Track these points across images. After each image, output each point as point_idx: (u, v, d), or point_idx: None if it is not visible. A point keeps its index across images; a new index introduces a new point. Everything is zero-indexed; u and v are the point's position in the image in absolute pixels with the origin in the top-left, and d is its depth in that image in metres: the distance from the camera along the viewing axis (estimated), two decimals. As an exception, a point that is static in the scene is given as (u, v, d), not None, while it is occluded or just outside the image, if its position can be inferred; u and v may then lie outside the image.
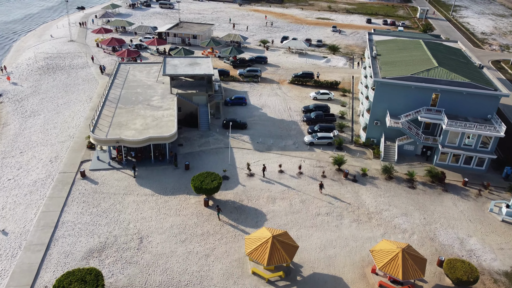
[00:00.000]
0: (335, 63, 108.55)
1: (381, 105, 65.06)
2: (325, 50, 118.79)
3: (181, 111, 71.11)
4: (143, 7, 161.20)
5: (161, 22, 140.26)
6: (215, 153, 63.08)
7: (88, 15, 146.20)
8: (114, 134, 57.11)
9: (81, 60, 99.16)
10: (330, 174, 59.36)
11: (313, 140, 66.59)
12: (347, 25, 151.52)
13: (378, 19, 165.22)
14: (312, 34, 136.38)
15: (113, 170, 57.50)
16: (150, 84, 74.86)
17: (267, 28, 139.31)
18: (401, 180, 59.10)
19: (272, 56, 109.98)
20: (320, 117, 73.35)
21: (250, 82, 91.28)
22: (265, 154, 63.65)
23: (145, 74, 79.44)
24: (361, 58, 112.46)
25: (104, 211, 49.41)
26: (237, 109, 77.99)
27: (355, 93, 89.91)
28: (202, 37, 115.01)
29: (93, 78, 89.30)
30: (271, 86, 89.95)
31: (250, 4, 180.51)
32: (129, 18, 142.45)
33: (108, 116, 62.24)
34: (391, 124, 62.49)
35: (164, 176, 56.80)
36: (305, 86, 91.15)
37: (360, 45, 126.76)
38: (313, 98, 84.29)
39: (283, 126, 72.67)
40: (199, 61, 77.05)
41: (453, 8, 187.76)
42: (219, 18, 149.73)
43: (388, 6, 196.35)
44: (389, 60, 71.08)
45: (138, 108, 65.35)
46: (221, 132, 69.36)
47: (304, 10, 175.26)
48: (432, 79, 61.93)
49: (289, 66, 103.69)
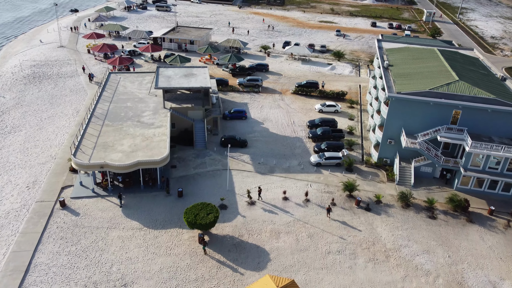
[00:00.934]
0: (340, 70, 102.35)
1: (395, 122, 58.87)
2: (330, 56, 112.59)
3: (175, 127, 64.89)
4: (139, 10, 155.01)
5: (157, 26, 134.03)
6: (212, 176, 56.85)
7: (81, 18, 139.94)
8: (98, 158, 50.85)
9: (70, 68, 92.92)
10: (341, 202, 53.15)
11: (320, 161, 60.39)
12: (351, 29, 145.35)
13: (383, 22, 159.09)
14: (315, 38, 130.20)
15: (97, 198, 51.27)
16: (141, 97, 68.63)
17: (268, 32, 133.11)
18: (419, 208, 52.89)
19: (274, 63, 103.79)
20: (327, 133, 67.15)
21: (251, 93, 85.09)
22: (268, 177, 57.42)
23: (136, 85, 73.21)
24: (367, 65, 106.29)
25: (84, 250, 43.16)
26: (237, 124, 71.77)
27: (363, 104, 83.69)
28: (199, 43, 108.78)
29: (82, 88, 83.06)
30: (273, 97, 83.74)
31: (250, 6, 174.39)
32: (123, 22, 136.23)
33: (93, 135, 55.97)
34: (407, 144, 56.27)
35: (154, 204, 50.56)
36: (309, 97, 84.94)
37: (366, 51, 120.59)
38: (319, 110, 78.08)
39: (287, 144, 66.48)
40: (195, 72, 70.81)
41: (460, 10, 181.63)
42: (217, 22, 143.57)
43: (392, 8, 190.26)
44: (403, 72, 64.86)
45: (127, 126, 59.11)
46: (219, 151, 63.16)
47: (306, 12, 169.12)
48: (453, 95, 55.73)
49: (291, 74, 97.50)
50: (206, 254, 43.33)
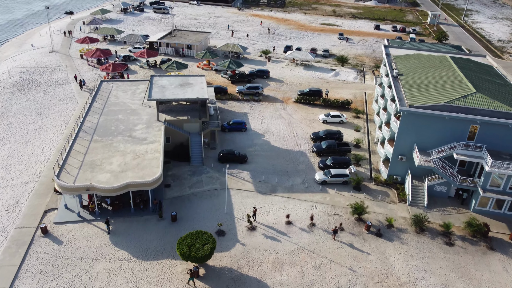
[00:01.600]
0: (344, 76, 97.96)
1: (407, 138, 54.49)
2: (333, 62, 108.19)
3: (169, 141, 60.53)
4: (136, 12, 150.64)
5: (154, 29, 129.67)
6: (208, 196, 52.45)
7: (75, 21, 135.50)
8: (84, 179, 46.44)
9: (61, 75, 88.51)
10: (349, 226, 48.76)
11: (325, 179, 55.99)
12: (354, 32, 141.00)
13: (386, 25, 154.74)
14: (317, 42, 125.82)
15: (83, 222, 46.87)
16: (134, 108, 64.25)
17: (268, 36, 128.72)
18: (435, 233, 48.51)
19: (275, 69, 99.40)
20: (332, 147, 62.76)
21: (251, 101, 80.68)
22: (269, 197, 53.04)
23: (129, 94, 68.82)
24: (373, 71, 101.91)
25: (66, 287, 38.75)
26: (236, 136, 67.39)
27: (369, 114, 79.30)
28: (197, 48, 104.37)
29: (73, 96, 78.66)
30: (274, 106, 79.35)
31: (250, 8, 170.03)
32: (119, 25, 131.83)
33: (80, 152, 51.56)
34: (420, 162, 51.85)
35: (145, 231, 46.16)
36: (312, 106, 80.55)
37: (370, 55, 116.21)
38: (323, 121, 73.67)
39: (290, 158, 62.10)
40: (191, 81, 66.42)
41: (465, 12, 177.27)
42: (216, 24, 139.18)
43: (395, 10, 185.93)
44: (414, 82, 60.46)
45: (118, 141, 54.69)
46: (217, 167, 58.77)
47: (307, 14, 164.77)
48: (470, 109, 51.36)
49: (293, 80, 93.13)
50: (195, 287, 38.98)
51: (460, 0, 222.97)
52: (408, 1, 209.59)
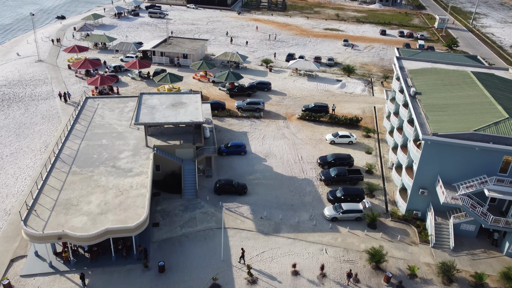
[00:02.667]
0: (351, 88, 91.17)
1: (429, 169, 47.72)
2: (338, 71, 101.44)
3: (160, 170, 53.78)
4: (131, 17, 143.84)
5: (149, 35, 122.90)
6: (203, 238, 45.68)
7: (66, 26, 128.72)
8: (55, 225, 39.67)
9: (46, 88, 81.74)
10: (365, 276, 41.99)
11: (336, 215, 49.22)
12: (359, 38, 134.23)
13: (392, 30, 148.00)
14: (321, 49, 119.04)
15: (55, 275, 40.11)
16: (121, 130, 57.48)
17: (269, 43, 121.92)
18: (465, 284, 41.76)
19: (277, 80, 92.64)
20: (342, 175, 55.98)
21: (251, 118, 73.93)
22: (272, 239, 46.28)
23: (116, 114, 62.06)
24: (381, 82, 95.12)
25: None
26: (234, 161, 60.63)
27: (380, 132, 72.53)
28: (194, 57, 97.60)
29: (56, 114, 71.86)
30: (276, 124, 72.60)
31: (250, 12, 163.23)
32: (112, 31, 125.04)
33: (54, 189, 44.80)
34: (447, 200, 45.04)
35: (128, 285, 39.37)
36: (318, 123, 73.79)
37: (378, 64, 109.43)
38: (330, 142, 66.93)
39: (295, 188, 55.32)
40: (185, 100, 59.64)
41: (473, 16, 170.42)
42: (215, 30, 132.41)
43: (401, 13, 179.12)
44: (435, 103, 53.65)
45: (99, 173, 47.91)
46: (213, 199, 52.00)
47: (309, 19, 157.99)
48: (504, 138, 44.59)
49: (297, 93, 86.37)
50: None
51: (466, 3, 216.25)
52: (413, 4, 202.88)
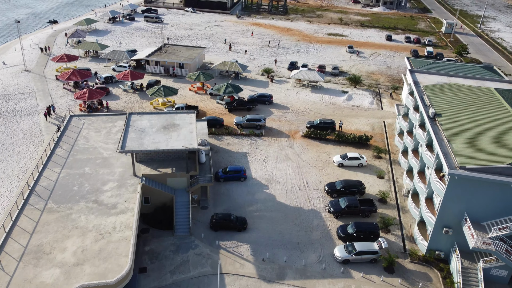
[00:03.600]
0: (358, 101, 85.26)
1: (455, 206, 41.88)
2: (344, 81, 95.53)
3: (149, 202, 47.91)
4: (126, 21, 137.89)
5: (144, 41, 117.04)
6: (196, 287, 39.77)
7: (58, 32, 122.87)
8: (21, 281, 33.76)
9: (30, 102, 75.88)
10: (384, 336, 36.14)
11: (348, 257, 43.35)
12: (364, 44, 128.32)
13: (398, 35, 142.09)
14: (325, 56, 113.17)
15: (22, 338, 34.21)
16: (106, 156, 51.62)
17: (270, 49, 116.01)
18: None
19: (279, 91, 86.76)
20: (354, 206, 50.10)
21: (251, 136, 68.07)
22: (276, 286, 40.37)
23: (103, 135, 56.19)
24: (390, 93, 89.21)
25: None
26: (233, 189, 54.75)
27: (392, 152, 66.65)
28: (190, 67, 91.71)
29: (39, 132, 66.01)
30: (279, 143, 66.74)
31: (250, 16, 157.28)
32: (106, 37, 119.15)
33: (26, 231, 38.93)
34: (477, 245, 39.16)
35: None
36: (324, 141, 67.92)
37: (385, 72, 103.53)
38: (338, 164, 61.07)
39: (301, 222, 49.45)
40: (178, 121, 53.74)
41: (482, 20, 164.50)
42: (213, 36, 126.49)
43: (406, 17, 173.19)
44: (459, 127, 47.76)
45: (78, 210, 42.05)
46: (208, 236, 46.12)
47: (312, 23, 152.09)
48: (543, 172, 38.77)
49: (300, 106, 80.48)
50: None
51: (472, 6, 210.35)
52: (418, 7, 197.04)
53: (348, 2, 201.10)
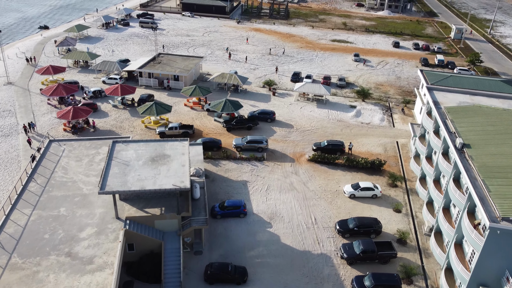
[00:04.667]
0: (368, 117, 78.69)
1: (495, 262, 35.31)
2: (351, 94, 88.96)
3: (134, 249, 41.34)
4: (120, 27, 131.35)
5: (138, 49, 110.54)
6: None
7: (47, 39, 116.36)
8: None
9: (9, 121, 69.35)
10: None
11: (367, 320, 36.78)
12: (371, 51, 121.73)
13: (406, 41, 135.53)
14: (329, 65, 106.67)
15: None
16: (87, 192, 45.09)
17: (272, 58, 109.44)
18: None
19: (281, 106, 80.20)
20: (370, 251, 43.52)
21: (251, 161, 61.52)
22: None
23: (85, 165, 49.67)
24: (402, 109, 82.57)
25: None
26: (232, 227, 48.20)
27: (409, 179, 60.10)
28: (186, 79, 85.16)
29: (16, 157, 59.46)
30: (282, 168, 60.21)
31: (250, 21, 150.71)
32: (98, 44, 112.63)
33: (-19, 297, 32.38)
34: (525, 314, 32.60)
35: None
36: (333, 166, 61.40)
37: (394, 83, 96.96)
38: (350, 195, 54.53)
39: (309, 270, 42.88)
40: (169, 151, 47.16)
41: (492, 25, 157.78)
42: (211, 43, 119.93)
43: (412, 22, 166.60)
44: (494, 164, 41.16)
45: (48, 267, 35.48)
46: (202, 291, 39.60)
47: (315, 28, 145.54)
48: None
49: (305, 124, 73.94)
50: None
51: (479, 9, 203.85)
52: (424, 11, 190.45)
53: (351, 5, 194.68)
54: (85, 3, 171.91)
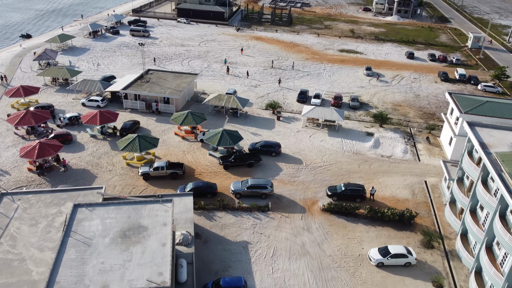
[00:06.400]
0: (388, 148, 67.66)
1: None
2: (366, 117, 77.91)
3: None
4: (109, 36, 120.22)
5: (127, 62, 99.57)
6: None
7: (27, 50, 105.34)
8: None
9: (-35, 158, 58.29)
10: None
11: None
12: (383, 63, 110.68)
13: (419, 50, 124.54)
14: (339, 80, 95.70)
15: None
16: (37, 277, 33.99)
17: (275, 72, 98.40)
18: None
19: (287, 135, 69.20)
20: None
21: (254, 212, 50.50)
22: None
23: (41, 231, 38.65)
24: (427, 137, 71.43)
25: None
26: (228, 317, 37.17)
27: (446, 236, 49.05)
28: (177, 102, 74.12)
29: (-36, 210, 48.30)
30: (291, 222, 49.19)
31: (251, 28, 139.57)
32: (83, 56, 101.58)
33: None
34: None
35: None
36: (353, 218, 50.41)
37: (413, 103, 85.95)
38: (377, 264, 43.50)
39: None
40: (146, 220, 36.10)
41: (511, 33, 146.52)
42: (208, 54, 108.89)
43: (424, 28, 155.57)
44: None
45: None
46: None
47: (320, 36, 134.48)
48: None
49: (316, 158, 62.95)
50: None
51: (492, 14, 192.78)
52: (436, 16, 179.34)
53: (357, 9, 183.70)
54: (77, 8, 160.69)
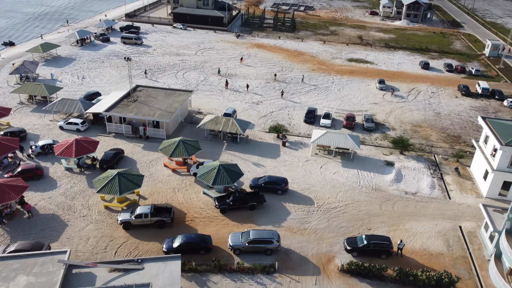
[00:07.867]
0: (412, 182, 58.20)
1: None
2: (383, 141, 68.47)
3: None
4: (98, 43, 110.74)
5: (116, 74, 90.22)
6: None
7: (7, 61, 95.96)
8: None
9: None
10: None
11: None
12: (396, 75, 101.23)
13: (434, 59, 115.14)
14: (349, 95, 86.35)
15: None
16: None
17: (279, 86, 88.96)
18: None
19: (295, 165, 59.78)
20: None
21: (256, 274, 41.07)
22: None
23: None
24: (456, 168, 61.86)
25: None
26: None
27: (494, 306, 39.65)
28: (168, 126, 64.70)
29: None
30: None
31: (252, 34, 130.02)
32: (67, 68, 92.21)
33: None
34: None
35: None
36: (377, 282, 41.01)
37: (435, 124, 76.51)
38: None
39: None
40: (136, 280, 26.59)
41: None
42: (206, 65, 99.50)
43: (436, 34, 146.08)
44: None
45: None
46: None
47: (326, 43, 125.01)
48: None
49: (330, 196, 53.53)
50: None
51: (505, 17, 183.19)
52: (446, 20, 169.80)
53: (364, 13, 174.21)
54: (71, 12, 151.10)
